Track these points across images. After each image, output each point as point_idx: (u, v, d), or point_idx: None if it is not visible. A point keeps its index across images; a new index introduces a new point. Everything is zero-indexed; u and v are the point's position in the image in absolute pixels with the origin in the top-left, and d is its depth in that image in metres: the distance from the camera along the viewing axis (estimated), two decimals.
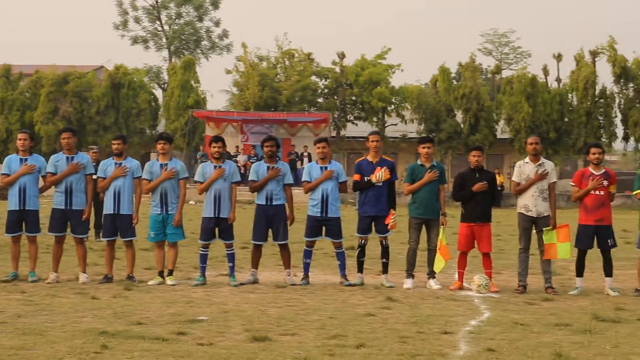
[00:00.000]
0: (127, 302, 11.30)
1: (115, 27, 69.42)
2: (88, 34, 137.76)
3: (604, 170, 12.97)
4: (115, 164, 13.37)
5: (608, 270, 12.84)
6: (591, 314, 10.59)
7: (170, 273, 13.22)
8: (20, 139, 13.47)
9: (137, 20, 69.28)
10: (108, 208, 13.36)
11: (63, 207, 13.22)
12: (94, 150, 19.68)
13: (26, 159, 13.39)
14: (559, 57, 52.43)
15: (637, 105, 49.80)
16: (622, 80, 50.55)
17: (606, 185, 12.83)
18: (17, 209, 13.27)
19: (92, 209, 13.96)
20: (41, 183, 13.56)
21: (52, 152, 13.97)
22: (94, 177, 13.53)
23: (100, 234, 14.11)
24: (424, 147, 13.48)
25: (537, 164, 13.01)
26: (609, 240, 12.82)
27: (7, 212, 13.42)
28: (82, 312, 10.48)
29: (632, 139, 50.90)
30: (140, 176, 13.40)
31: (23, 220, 13.32)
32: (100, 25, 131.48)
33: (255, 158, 39.93)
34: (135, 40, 69.67)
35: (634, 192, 13.09)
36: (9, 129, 52.26)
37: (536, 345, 8.68)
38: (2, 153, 48.72)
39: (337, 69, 53.61)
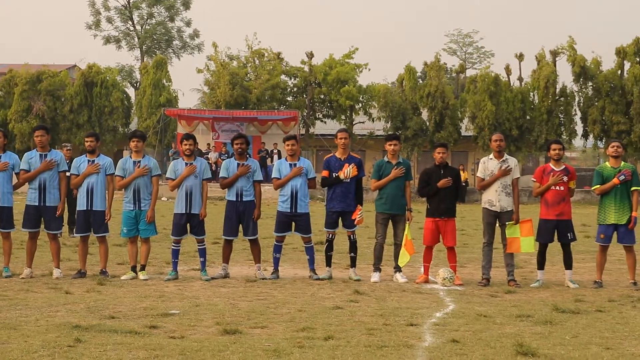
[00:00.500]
0: (100, 296, 11.25)
1: (88, 27, 69.43)
2: (61, 34, 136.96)
3: (564, 167, 13.07)
4: (88, 161, 13.31)
5: (568, 263, 12.95)
6: (552, 306, 10.67)
7: (143, 268, 13.18)
8: None
9: (110, 20, 69.36)
10: (81, 204, 13.31)
11: (37, 203, 13.14)
12: (67, 148, 19.58)
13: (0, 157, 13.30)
14: (520, 57, 52.74)
15: (596, 103, 50.19)
16: (581, 79, 50.95)
17: (566, 181, 12.93)
18: None
19: (66, 205, 13.89)
20: (15, 180, 13.44)
21: (26, 150, 13.84)
22: (68, 174, 13.45)
23: (74, 230, 14.02)
24: (390, 145, 13.51)
25: (501, 160, 13.09)
26: (568, 234, 12.92)
27: None
28: (56, 306, 10.42)
29: (591, 136, 51.33)
30: (113, 173, 13.35)
31: None
32: (73, 25, 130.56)
33: (226, 155, 39.88)
34: (107, 40, 69.73)
35: (593, 188, 13.19)
36: None
37: (499, 336, 8.73)
38: None
39: (306, 68, 53.60)
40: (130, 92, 59.24)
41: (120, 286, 12.23)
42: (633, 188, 12.83)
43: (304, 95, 53.50)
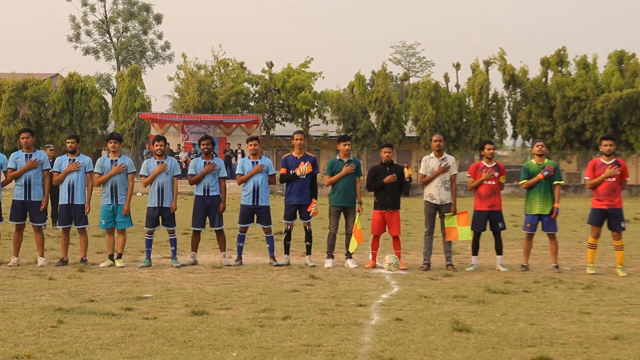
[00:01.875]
0: (80, 282, 11.17)
1: (69, 40, 68.76)
2: (45, 46, 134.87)
3: (495, 164, 13.18)
4: (69, 160, 13.28)
5: (499, 249, 13.07)
6: (484, 287, 10.77)
7: (120, 256, 13.14)
8: None
9: (89, 33, 68.81)
10: (63, 199, 13.27)
11: (23, 198, 13.09)
12: (50, 148, 19.41)
13: None
14: (457, 66, 53.09)
15: (524, 107, 50.73)
16: (511, 86, 51.45)
17: (497, 176, 13.05)
18: None
19: (49, 200, 13.79)
20: (3, 178, 13.38)
21: (13, 150, 13.72)
22: (50, 171, 13.36)
23: (57, 222, 13.93)
24: (342, 144, 13.52)
25: (440, 158, 13.16)
26: (499, 224, 13.04)
27: None
28: (41, 291, 10.35)
29: (519, 136, 52.04)
30: (92, 171, 13.33)
31: None
32: (56, 37, 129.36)
33: (194, 155, 39.74)
34: (87, 51, 69.15)
35: (520, 182, 13.33)
36: None
37: (438, 315, 8.80)
38: None
39: (267, 76, 53.50)
40: (108, 98, 58.69)
41: (99, 273, 12.16)
42: (555, 182, 13.00)
43: (265, 101, 53.40)
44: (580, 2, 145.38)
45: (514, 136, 52.64)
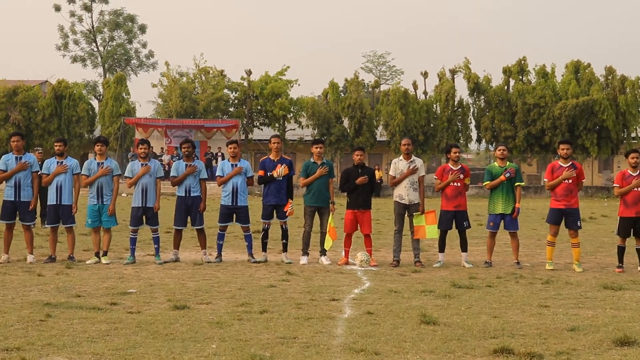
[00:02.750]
0: (68, 278, 11.10)
1: (58, 48, 68.37)
2: (34, 54, 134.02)
3: (460, 166, 13.26)
4: (57, 162, 13.24)
5: (464, 247, 13.14)
6: (450, 282, 10.83)
7: (105, 254, 13.09)
8: None
9: (76, 42, 68.41)
10: (51, 199, 13.22)
11: (12, 199, 13.05)
12: (39, 151, 19.23)
13: None
14: (425, 75, 53.35)
15: (487, 113, 51.07)
16: (475, 93, 51.79)
17: (462, 178, 13.13)
18: None
19: (38, 200, 13.73)
20: None
21: (4, 153, 13.63)
22: (40, 173, 13.29)
23: (45, 222, 13.86)
24: (316, 148, 13.53)
25: (409, 161, 13.21)
26: (464, 223, 13.12)
27: None
28: (30, 287, 10.28)
29: (483, 140, 52.33)
30: (79, 172, 13.28)
31: None
32: (45, 46, 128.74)
33: (176, 157, 39.55)
34: (74, 59, 68.74)
35: (484, 184, 13.41)
36: None
37: (406, 309, 8.82)
38: None
39: (245, 84, 53.40)
40: (95, 104, 58.36)
41: (85, 269, 12.09)
42: (516, 184, 13.09)
43: (244, 107, 53.31)
44: (540, 15, 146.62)
45: (478, 140, 52.95)
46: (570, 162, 12.82)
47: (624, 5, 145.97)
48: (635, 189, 12.39)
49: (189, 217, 13.36)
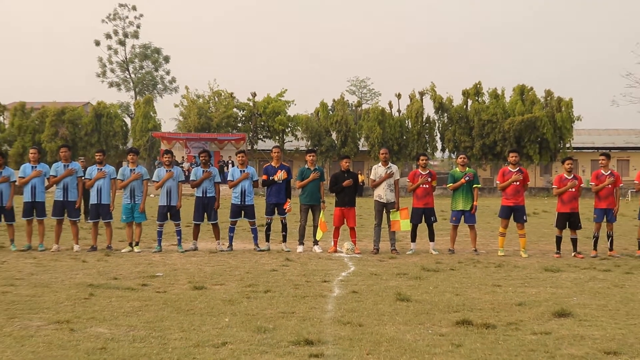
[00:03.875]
0: (107, 264, 11.08)
1: (97, 75, 68.41)
2: (78, 80, 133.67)
3: (428, 171, 13.29)
4: (98, 169, 13.22)
5: (431, 237, 13.16)
6: (420, 267, 10.86)
7: (137, 244, 13.07)
8: (31, 153, 13.46)
9: (112, 70, 68.44)
10: (93, 199, 13.22)
11: (61, 199, 13.11)
12: (82, 160, 19.17)
13: (35, 166, 13.27)
14: (399, 96, 53.55)
15: (450, 128, 51.25)
16: (439, 111, 51.98)
17: (430, 181, 13.16)
18: (30, 200, 13.17)
19: (82, 200, 13.76)
20: (46, 182, 13.36)
21: (54, 162, 13.68)
22: (83, 178, 13.31)
23: (88, 218, 13.84)
24: (309, 156, 13.56)
25: (386, 167, 13.22)
26: (432, 218, 13.14)
27: (22, 203, 13.21)
28: (76, 271, 10.27)
29: (446, 150, 52.56)
30: (115, 177, 13.27)
31: (34, 208, 13.19)
32: (87, 73, 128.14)
33: (195, 164, 39.45)
34: (111, 84, 68.97)
35: (448, 185, 13.46)
36: (24, 146, 51.67)
37: (384, 288, 8.85)
38: (20, 163, 47.66)
39: (251, 104, 53.44)
40: (127, 121, 58.27)
41: (120, 257, 12.06)
42: (474, 185, 13.14)
43: (250, 123, 53.31)
44: (492, 46, 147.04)
45: (442, 150, 53.23)
46: (518, 168, 12.88)
47: (560, 39, 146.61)
48: (570, 189, 12.55)
49: (205, 213, 13.33)
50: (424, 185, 13.11)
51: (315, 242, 13.31)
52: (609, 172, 12.79)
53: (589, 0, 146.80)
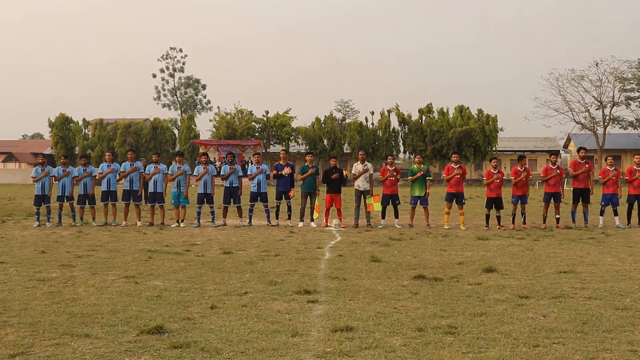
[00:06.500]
0: (160, 235, 11.04)
1: (154, 99, 68.08)
2: (140, 102, 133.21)
3: (394, 167, 13.29)
4: (154, 167, 13.17)
5: (396, 215, 13.15)
6: (388, 237, 10.84)
7: (182, 221, 13.01)
8: (107, 155, 13.51)
9: (165, 95, 67.97)
10: (151, 188, 13.19)
11: (128, 188, 13.18)
12: (143, 160, 19.18)
13: (110, 165, 13.25)
14: (372, 113, 53.38)
15: (410, 136, 51.17)
16: (402, 124, 51.92)
17: (395, 175, 13.16)
18: (106, 189, 13.21)
19: (143, 189, 13.75)
20: (117, 176, 13.36)
21: (123, 162, 13.70)
22: (144, 173, 13.31)
23: (147, 202, 13.84)
24: (308, 157, 13.54)
25: (364, 164, 13.20)
26: (397, 201, 13.14)
27: (101, 191, 13.22)
28: (139, 240, 10.25)
29: (407, 152, 52.49)
30: (167, 172, 13.20)
31: (109, 195, 13.18)
32: (146, 97, 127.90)
33: (224, 163, 39.19)
34: (163, 105, 68.68)
35: (408, 178, 13.45)
36: (102, 151, 52.14)
37: (362, 252, 8.83)
38: (99, 162, 48.11)
39: (265, 118, 53.28)
40: (175, 132, 58.11)
41: (170, 230, 12.03)
42: (427, 178, 13.14)
43: (264, 132, 53.15)
44: (438, 76, 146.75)
45: (404, 152, 53.16)
46: (459, 165, 12.91)
47: (490, 70, 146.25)
48: (496, 180, 12.57)
49: (231, 198, 13.28)
50: (391, 178, 13.11)
51: (312, 220, 13.29)
52: (524, 168, 12.82)
53: (510, 39, 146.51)
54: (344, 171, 13.98)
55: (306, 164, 13.41)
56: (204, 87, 68.70)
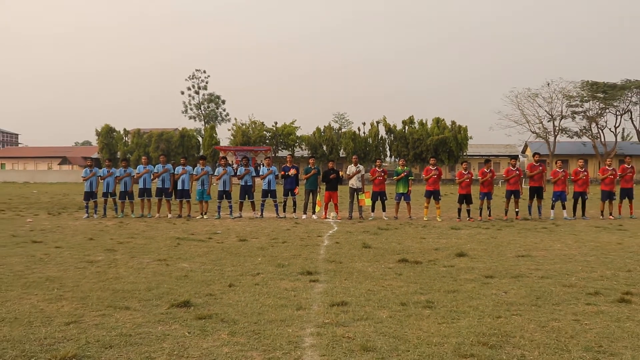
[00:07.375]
0: (187, 225, 11.01)
1: (182, 112, 67.90)
2: (171, 114, 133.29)
3: (382, 169, 13.27)
4: (182, 168, 13.13)
5: (384, 209, 13.08)
6: (377, 227, 10.82)
7: (205, 214, 12.95)
8: (143, 159, 13.60)
9: (191, 109, 67.80)
10: (179, 186, 13.17)
11: (161, 186, 13.13)
12: (173, 163, 19.17)
13: (146, 167, 13.27)
14: (364, 124, 53.29)
15: (395, 143, 51.06)
16: (388, 133, 51.81)
17: (383, 175, 13.14)
18: (142, 187, 13.24)
19: (173, 187, 13.76)
20: (152, 176, 13.32)
21: (156, 164, 13.73)
22: (174, 174, 13.32)
23: (176, 198, 13.82)
24: (310, 160, 13.49)
25: (357, 166, 13.19)
26: (384, 197, 13.09)
27: (138, 189, 13.22)
28: (169, 229, 10.22)
29: (393, 157, 52.37)
30: (192, 173, 13.15)
31: (145, 192, 13.18)
32: (175, 110, 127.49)
33: (240, 165, 39.28)
34: (190, 117, 68.40)
35: (394, 177, 13.42)
36: (139, 155, 52.21)
37: (355, 240, 8.81)
38: (137, 164, 47.94)
39: (274, 128, 53.26)
40: (200, 139, 58.11)
41: (195, 221, 11.99)
42: (409, 178, 13.11)
43: (273, 140, 53.11)
44: (421, 89, 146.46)
45: (390, 156, 53.02)
46: (435, 167, 12.90)
47: (462, 90, 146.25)
48: (466, 180, 12.56)
49: (246, 195, 13.26)
50: (379, 177, 13.09)
51: (313, 212, 13.28)
52: (489, 170, 12.80)
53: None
54: (340, 172, 13.98)
55: (309, 166, 13.39)
56: (223, 102, 68.63)
